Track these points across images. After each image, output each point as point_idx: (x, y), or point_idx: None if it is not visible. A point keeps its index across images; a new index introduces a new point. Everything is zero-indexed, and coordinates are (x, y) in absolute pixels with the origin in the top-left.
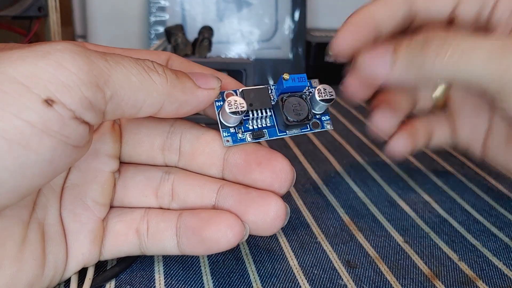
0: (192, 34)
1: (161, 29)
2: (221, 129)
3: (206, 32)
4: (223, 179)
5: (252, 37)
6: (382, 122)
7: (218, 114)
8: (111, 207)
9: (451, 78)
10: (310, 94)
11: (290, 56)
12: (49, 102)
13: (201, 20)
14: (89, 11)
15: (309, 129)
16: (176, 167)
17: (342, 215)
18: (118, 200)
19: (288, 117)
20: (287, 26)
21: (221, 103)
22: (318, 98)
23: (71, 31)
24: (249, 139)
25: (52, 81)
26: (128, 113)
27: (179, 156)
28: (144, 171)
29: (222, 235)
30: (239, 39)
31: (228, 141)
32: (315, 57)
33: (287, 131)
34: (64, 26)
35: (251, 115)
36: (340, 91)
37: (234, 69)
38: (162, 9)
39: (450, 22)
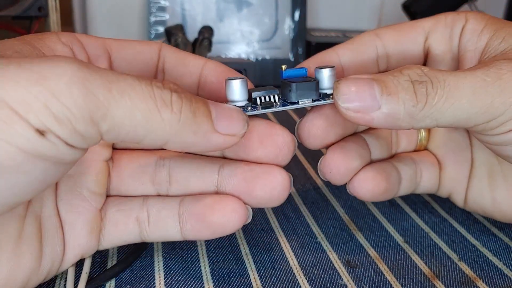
0: (192, 34)
1: (161, 29)
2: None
3: (206, 32)
4: (222, 157)
5: (252, 37)
6: (338, 164)
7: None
8: (108, 196)
9: (437, 122)
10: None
11: (290, 56)
12: (41, 131)
13: (201, 20)
14: (89, 11)
15: (321, 100)
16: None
17: (342, 215)
18: (114, 189)
19: (297, 83)
20: (287, 26)
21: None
22: (322, 71)
23: (71, 31)
24: (259, 109)
25: (43, 112)
26: (126, 141)
27: None
28: (137, 158)
29: (228, 220)
30: (239, 39)
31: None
32: None
33: (298, 101)
34: (64, 26)
35: (258, 101)
36: (297, 131)
37: (234, 69)
38: (162, 9)
39: (426, 56)
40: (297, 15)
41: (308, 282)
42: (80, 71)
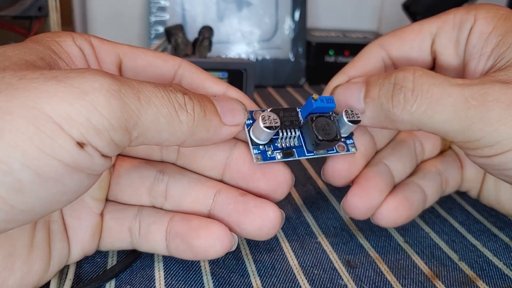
0: (192, 34)
1: (161, 29)
2: (251, 146)
3: (206, 32)
4: (221, 181)
5: (252, 37)
6: (359, 206)
7: (249, 132)
8: (107, 201)
9: (419, 127)
10: (337, 115)
11: (290, 56)
12: (81, 144)
13: (201, 20)
14: (89, 11)
15: (335, 151)
16: (174, 164)
17: (343, 215)
18: (112, 195)
19: (319, 136)
20: (287, 26)
21: (250, 121)
22: (346, 120)
23: (71, 31)
24: (278, 157)
25: (85, 125)
26: (148, 144)
27: (178, 155)
28: (138, 168)
29: (210, 246)
30: (239, 39)
31: (258, 158)
32: (315, 57)
33: (314, 152)
34: (64, 26)
35: (280, 134)
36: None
37: (234, 69)
38: (162, 9)
39: (433, 61)
40: (297, 15)
41: (308, 282)
42: (114, 84)
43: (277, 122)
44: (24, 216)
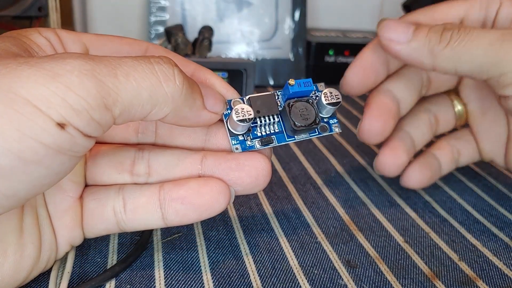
0: (192, 34)
1: (161, 29)
2: (229, 137)
3: (206, 32)
4: (202, 149)
5: (252, 37)
6: (390, 163)
7: (226, 123)
8: (87, 186)
9: (455, 66)
10: (317, 98)
11: (290, 56)
12: (61, 125)
13: (201, 20)
14: (89, 11)
15: (317, 133)
16: (152, 144)
17: (342, 215)
18: (91, 178)
19: (296, 122)
20: (287, 26)
21: (229, 111)
22: (325, 102)
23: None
24: (258, 145)
25: (62, 105)
26: (133, 120)
27: (155, 137)
28: (116, 149)
29: (215, 201)
30: (239, 39)
31: (237, 148)
32: (315, 57)
33: (295, 136)
34: (64, 26)
35: (258, 122)
36: (340, 84)
37: (234, 69)
38: (162, 9)
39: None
40: (297, 15)
41: (308, 282)
42: (86, 64)
43: (250, 114)
44: (8, 201)
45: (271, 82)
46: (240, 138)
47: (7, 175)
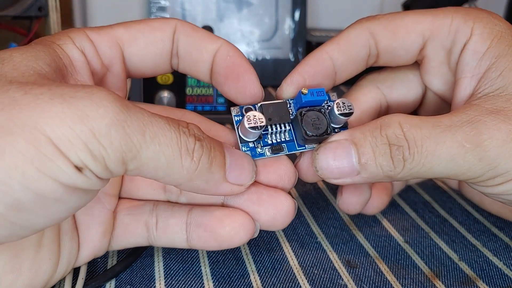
0: None
1: None
2: (240, 144)
3: None
4: None
5: (252, 37)
6: (354, 203)
7: (237, 129)
8: (120, 198)
9: (421, 177)
10: (329, 107)
11: (290, 56)
12: (79, 168)
13: (201, 20)
14: (89, 11)
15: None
16: None
17: (342, 215)
18: (126, 191)
19: (307, 132)
20: (287, 26)
21: (240, 117)
22: (337, 112)
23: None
24: (268, 153)
25: (83, 150)
26: (144, 177)
27: None
28: None
29: (235, 233)
30: (240, 39)
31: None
32: None
33: (306, 145)
34: (64, 26)
35: (269, 130)
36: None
37: None
38: (162, 9)
39: (418, 61)
40: (297, 15)
41: (308, 282)
42: (121, 114)
43: (262, 122)
44: (24, 232)
45: (271, 82)
46: (251, 145)
47: (24, 209)
